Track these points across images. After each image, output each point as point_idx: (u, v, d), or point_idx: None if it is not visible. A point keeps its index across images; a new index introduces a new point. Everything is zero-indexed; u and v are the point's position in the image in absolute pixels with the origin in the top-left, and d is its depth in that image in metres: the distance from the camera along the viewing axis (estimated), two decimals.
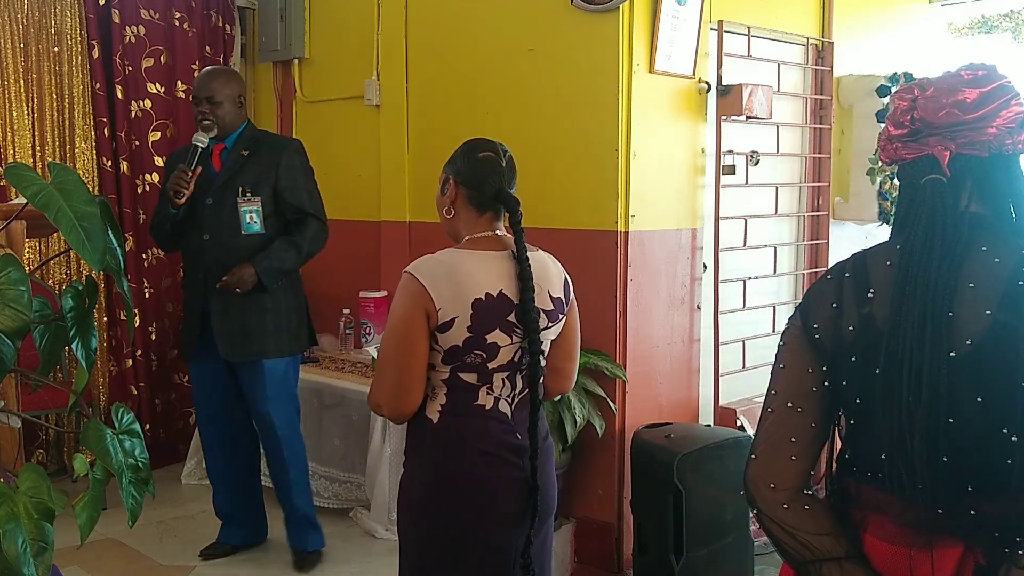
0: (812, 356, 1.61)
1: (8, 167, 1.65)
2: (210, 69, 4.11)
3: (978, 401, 1.46)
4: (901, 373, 1.48)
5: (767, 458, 1.62)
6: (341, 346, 5.06)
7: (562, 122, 4.14)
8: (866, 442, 1.58)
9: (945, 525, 1.50)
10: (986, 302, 1.47)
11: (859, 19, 4.99)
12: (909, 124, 1.59)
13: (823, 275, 1.66)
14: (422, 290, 2.19)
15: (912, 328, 1.48)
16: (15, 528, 1.52)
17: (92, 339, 1.82)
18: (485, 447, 2.25)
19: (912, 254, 1.52)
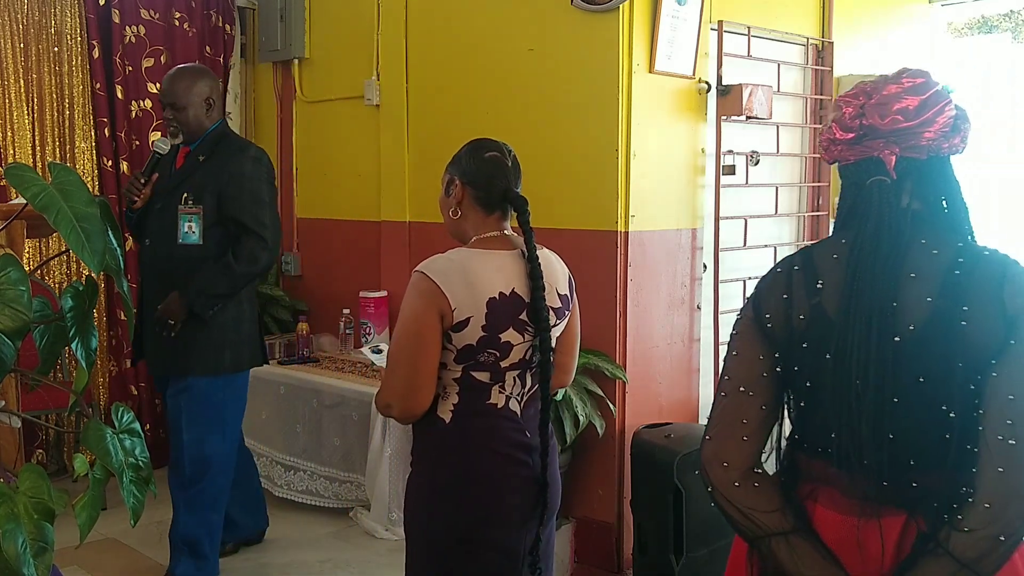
0: (763, 344, 1.72)
1: (8, 168, 1.65)
2: (175, 71, 3.84)
3: (920, 381, 1.59)
4: (850, 358, 1.60)
5: (720, 439, 1.74)
6: (341, 346, 5.06)
7: (562, 122, 4.14)
8: (816, 422, 1.69)
9: (890, 497, 1.62)
10: (927, 290, 1.60)
11: (859, 19, 4.99)
12: (857, 129, 1.69)
13: (772, 269, 1.78)
14: (436, 290, 2.19)
15: (860, 316, 1.60)
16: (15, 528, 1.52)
17: (92, 339, 1.83)
18: (497, 446, 2.26)
19: (861, 249, 1.63)
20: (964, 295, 1.57)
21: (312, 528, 4.48)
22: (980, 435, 1.56)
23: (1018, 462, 1.53)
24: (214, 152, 3.69)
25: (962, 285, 1.58)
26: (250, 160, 3.70)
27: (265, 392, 4.78)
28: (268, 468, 4.74)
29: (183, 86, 3.68)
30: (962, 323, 1.56)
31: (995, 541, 1.52)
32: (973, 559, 1.53)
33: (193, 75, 3.76)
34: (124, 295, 1.89)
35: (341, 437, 4.48)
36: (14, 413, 2.82)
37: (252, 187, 3.66)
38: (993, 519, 1.52)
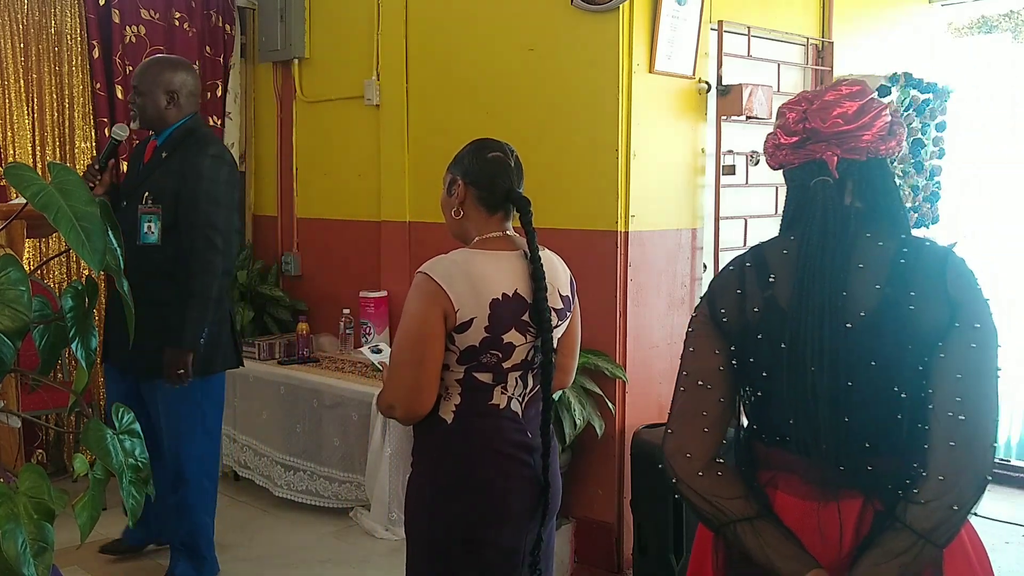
0: (718, 339, 1.81)
1: (8, 167, 1.65)
2: (153, 57, 3.82)
3: (872, 365, 1.68)
4: (804, 346, 1.69)
5: (681, 431, 1.81)
6: (341, 346, 5.06)
7: (562, 122, 4.14)
8: (774, 411, 1.77)
9: (847, 480, 1.71)
10: (875, 279, 1.70)
11: (859, 19, 4.99)
12: (800, 132, 1.79)
13: (725, 267, 1.87)
14: (440, 291, 2.19)
15: (812, 306, 1.69)
16: (15, 528, 1.52)
17: (92, 339, 1.82)
18: (499, 447, 2.26)
19: (808, 244, 1.73)
20: (910, 282, 1.67)
21: (312, 528, 4.48)
22: (931, 413, 1.65)
23: (967, 436, 1.62)
24: (176, 149, 3.60)
25: (908, 273, 1.68)
26: (209, 159, 3.57)
27: (265, 392, 4.79)
28: (268, 468, 4.75)
29: (150, 72, 3.62)
30: (910, 308, 1.66)
31: (949, 511, 1.61)
32: (929, 529, 1.61)
33: (164, 65, 3.70)
34: (124, 295, 1.88)
35: (341, 437, 4.48)
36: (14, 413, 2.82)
37: (208, 187, 3.53)
38: (946, 490, 1.61)
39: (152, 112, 3.61)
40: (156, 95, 3.59)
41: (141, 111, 3.62)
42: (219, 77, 5.54)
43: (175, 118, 3.64)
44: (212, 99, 5.52)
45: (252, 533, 4.46)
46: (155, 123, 3.64)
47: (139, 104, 3.62)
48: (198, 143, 3.63)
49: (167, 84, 3.60)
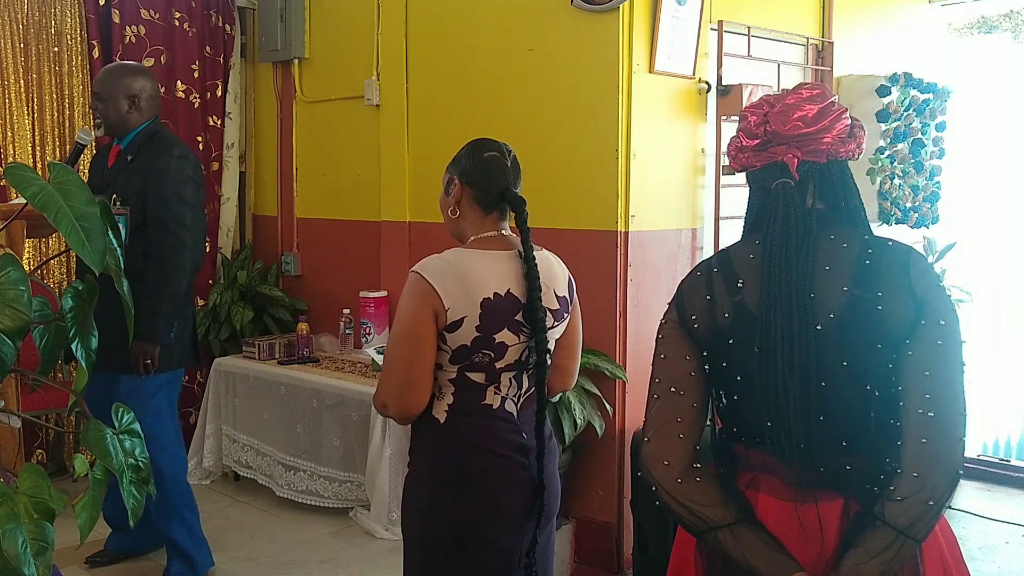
0: (689, 345, 1.83)
1: (8, 167, 1.65)
2: (111, 65, 3.89)
3: (844, 365, 1.70)
4: (776, 349, 1.71)
5: (658, 439, 1.81)
6: (341, 346, 5.07)
7: (562, 122, 4.14)
8: (750, 413, 1.78)
9: (825, 480, 1.73)
10: (842, 280, 1.72)
11: (859, 19, 4.99)
12: (762, 135, 1.81)
13: (692, 272, 1.90)
14: (430, 290, 2.19)
15: (782, 310, 1.71)
16: (15, 528, 1.52)
17: (92, 339, 1.83)
18: (492, 447, 2.25)
19: (773, 247, 1.75)
20: (876, 282, 1.70)
21: (312, 528, 4.48)
22: (902, 410, 1.68)
23: (938, 432, 1.65)
24: (141, 151, 3.65)
25: (873, 273, 1.71)
26: (175, 159, 3.62)
27: (266, 392, 4.79)
28: (271, 468, 4.75)
29: (110, 79, 3.68)
30: (878, 308, 1.69)
31: (925, 506, 1.63)
32: (907, 525, 1.63)
33: (122, 71, 3.74)
34: (123, 295, 1.89)
35: (341, 437, 4.48)
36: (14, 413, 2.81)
37: (175, 186, 3.59)
38: (921, 486, 1.63)
39: (115, 117, 3.67)
40: (118, 101, 3.65)
41: (104, 117, 3.68)
42: (219, 77, 5.55)
43: (137, 122, 3.69)
44: (212, 99, 5.52)
45: (252, 533, 4.46)
46: (118, 128, 3.69)
47: (101, 110, 3.67)
48: (162, 144, 3.69)
49: (127, 90, 3.66)
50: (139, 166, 3.62)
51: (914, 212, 4.92)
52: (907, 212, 4.88)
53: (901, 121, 4.83)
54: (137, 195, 3.58)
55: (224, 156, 5.60)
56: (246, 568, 4.10)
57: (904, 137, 4.85)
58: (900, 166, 4.86)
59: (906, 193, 4.87)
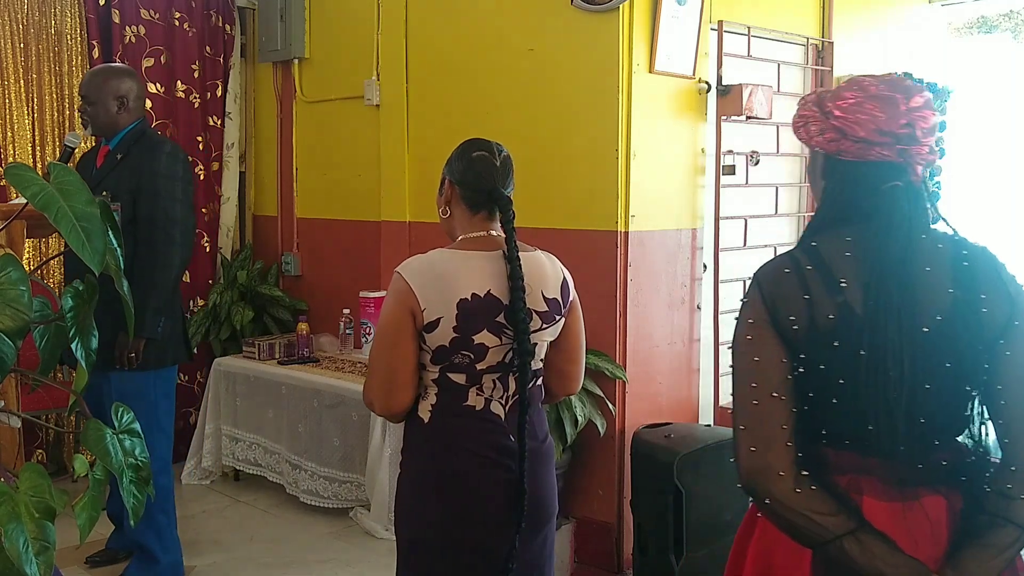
0: (781, 346, 1.74)
1: (8, 167, 1.65)
2: (96, 67, 3.95)
3: (947, 367, 1.69)
4: (885, 353, 1.67)
5: (767, 449, 1.72)
6: (341, 346, 5.07)
7: (562, 122, 4.14)
8: (848, 416, 1.72)
9: (924, 478, 1.71)
10: (944, 282, 1.70)
11: (859, 19, 4.99)
12: (899, 130, 1.73)
13: (776, 269, 1.80)
14: (408, 289, 2.20)
15: (891, 312, 1.67)
16: (17, 527, 1.52)
17: (92, 339, 1.83)
18: (473, 447, 2.25)
19: (881, 248, 1.71)
20: (977, 283, 1.70)
21: (312, 528, 4.48)
22: (1002, 409, 1.69)
23: None
24: (131, 150, 3.70)
25: (973, 274, 1.70)
26: (165, 156, 3.68)
27: (266, 392, 4.79)
28: (280, 465, 4.75)
29: (97, 81, 3.72)
30: (983, 310, 1.68)
31: None
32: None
33: (108, 73, 3.79)
34: (124, 295, 1.89)
35: (341, 437, 4.48)
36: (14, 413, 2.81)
37: (165, 184, 3.65)
38: None
39: (104, 119, 3.71)
40: (107, 102, 3.69)
41: (93, 119, 3.71)
42: (219, 77, 5.55)
43: (126, 122, 3.74)
44: (212, 99, 5.52)
45: (252, 533, 4.46)
46: (107, 129, 3.73)
47: (90, 112, 3.71)
48: (152, 143, 3.75)
49: (115, 91, 3.70)
50: (130, 164, 3.67)
51: None
52: None
53: None
54: (129, 192, 3.62)
55: (224, 156, 5.60)
56: (246, 568, 4.10)
57: None
58: None
59: None
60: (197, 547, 4.22)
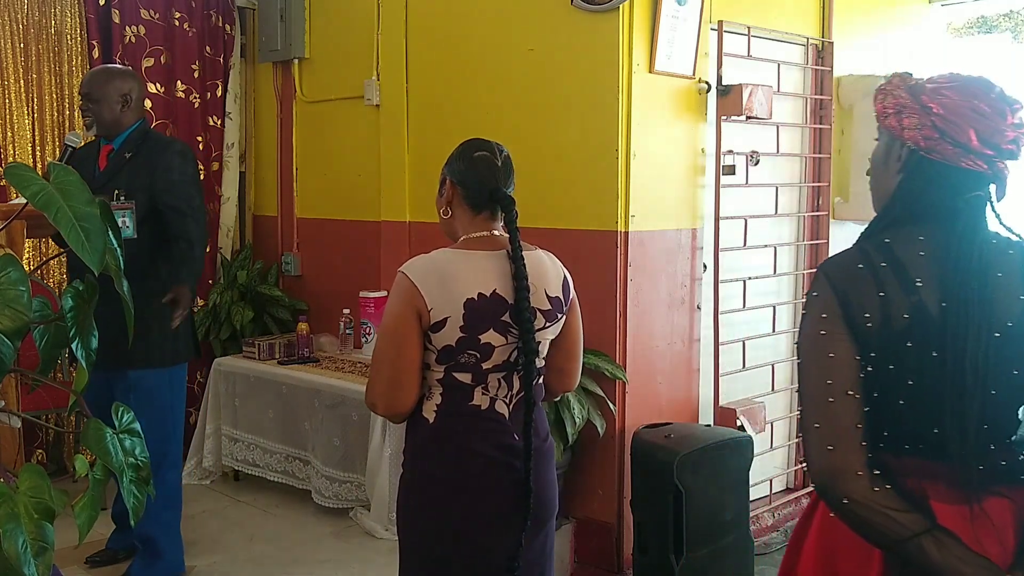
0: (855, 344, 1.70)
1: (8, 167, 1.66)
2: (97, 68, 4.01)
3: (1014, 373, 1.69)
4: (961, 356, 1.66)
5: (846, 448, 1.68)
6: (341, 346, 5.07)
7: (562, 122, 4.14)
8: (914, 418, 1.71)
9: (987, 480, 1.70)
10: (1016, 287, 1.70)
11: (859, 19, 4.99)
12: (1005, 144, 1.72)
13: (849, 264, 1.74)
14: (414, 289, 2.20)
15: (969, 316, 1.66)
16: (15, 528, 1.52)
17: (92, 339, 1.83)
18: (479, 447, 2.25)
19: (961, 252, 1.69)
20: None
21: (312, 527, 4.48)
22: None
23: None
24: (140, 149, 3.76)
25: None
26: (178, 155, 3.78)
27: (266, 392, 4.79)
28: (286, 464, 4.75)
29: (100, 80, 3.76)
30: None
31: None
32: None
33: (111, 72, 3.84)
34: (123, 295, 1.89)
35: (341, 437, 4.48)
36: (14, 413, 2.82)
37: (181, 179, 3.76)
38: None
39: (109, 117, 3.74)
40: (111, 101, 3.73)
41: (97, 118, 3.74)
42: (219, 77, 5.55)
43: (130, 122, 3.79)
44: (212, 99, 5.52)
45: (252, 533, 4.46)
46: (111, 128, 3.76)
47: (94, 111, 3.74)
48: (161, 142, 3.85)
49: (119, 90, 3.75)
50: (141, 163, 3.72)
51: None
52: None
53: None
54: (143, 190, 3.68)
55: (224, 156, 5.60)
56: (246, 568, 4.10)
57: None
58: None
59: None
60: (197, 547, 4.22)
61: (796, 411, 4.85)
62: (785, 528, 4.67)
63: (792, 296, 4.81)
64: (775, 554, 4.36)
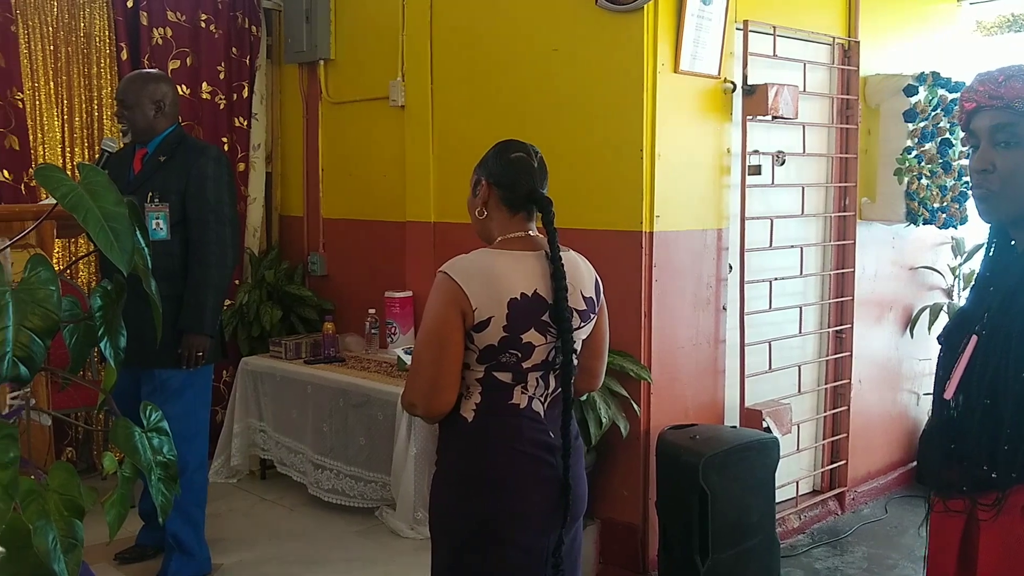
0: None
1: (39, 168, 1.67)
2: (132, 73, 4.06)
3: None
4: None
5: None
6: (367, 346, 5.09)
7: (586, 122, 4.13)
8: None
9: None
10: None
11: (886, 18, 4.95)
12: None
13: None
14: (458, 290, 2.21)
15: None
16: (45, 525, 1.54)
17: (120, 338, 1.84)
18: (519, 446, 2.26)
19: None
20: None
21: (338, 526, 4.50)
22: None
23: None
24: (175, 153, 3.80)
25: None
26: (212, 161, 3.82)
27: (292, 391, 4.81)
28: (303, 465, 4.77)
29: (135, 86, 3.81)
30: None
31: None
32: None
33: (145, 78, 3.89)
34: (151, 295, 1.90)
35: (367, 436, 4.50)
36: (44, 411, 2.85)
37: (214, 186, 3.78)
38: None
39: (143, 123, 3.79)
40: (144, 107, 3.78)
41: (131, 123, 3.80)
42: (245, 78, 5.58)
43: (163, 127, 3.83)
44: (239, 100, 5.56)
45: (278, 531, 4.49)
46: (145, 133, 3.81)
47: (128, 117, 3.79)
48: (196, 147, 3.89)
49: (152, 95, 3.80)
50: (175, 167, 3.76)
51: (942, 212, 4.88)
52: (935, 212, 4.84)
53: (929, 121, 4.79)
54: (177, 193, 3.74)
55: (250, 157, 5.64)
56: (272, 566, 4.12)
57: (932, 137, 4.81)
58: (928, 166, 4.82)
59: (934, 193, 4.83)
60: (223, 545, 4.24)
61: (822, 413, 4.83)
62: (811, 530, 4.65)
63: (819, 297, 4.78)
64: (801, 556, 4.34)
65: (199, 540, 3.94)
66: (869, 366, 5.03)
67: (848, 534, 4.64)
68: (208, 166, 3.79)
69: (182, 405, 3.75)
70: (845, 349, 4.85)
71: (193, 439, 3.84)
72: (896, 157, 4.78)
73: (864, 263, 4.92)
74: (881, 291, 5.10)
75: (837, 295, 4.82)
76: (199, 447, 3.93)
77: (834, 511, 4.88)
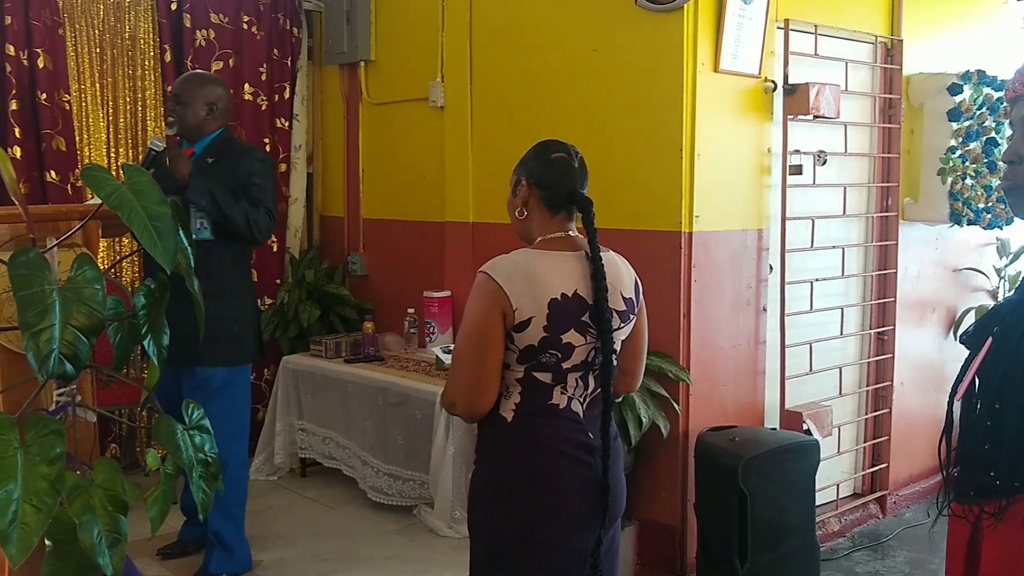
0: None
1: (84, 169, 1.70)
2: (190, 72, 4.12)
3: None
4: None
5: None
6: (406, 345, 5.11)
7: (626, 122, 4.12)
8: None
9: None
10: None
11: (930, 16, 4.89)
12: None
13: None
14: (499, 290, 2.21)
15: None
16: (91, 519, 1.56)
17: (163, 336, 1.87)
18: (559, 446, 2.26)
19: None
20: None
21: (376, 524, 4.53)
22: None
23: None
24: (223, 155, 3.86)
25: None
26: (258, 162, 3.89)
27: (332, 390, 4.85)
28: (352, 460, 4.81)
29: (192, 84, 3.89)
30: None
31: None
32: None
33: (203, 80, 3.98)
34: (194, 294, 1.92)
35: (405, 435, 4.52)
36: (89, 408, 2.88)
37: (260, 181, 3.84)
38: None
39: (192, 121, 3.86)
40: (197, 106, 3.85)
41: (181, 119, 3.86)
42: (287, 80, 5.63)
43: (212, 128, 3.89)
44: (280, 101, 5.61)
45: (317, 529, 4.52)
46: (192, 132, 3.88)
47: (179, 112, 3.85)
48: (243, 149, 3.96)
49: (207, 96, 3.86)
50: (223, 167, 3.82)
51: (987, 213, 4.81)
52: (979, 213, 4.77)
53: (974, 120, 4.73)
54: None
55: (292, 158, 5.68)
56: (311, 563, 4.15)
57: (976, 136, 4.74)
58: (972, 166, 4.75)
59: (979, 194, 4.76)
60: (263, 542, 4.29)
61: (863, 415, 4.78)
62: (852, 534, 4.60)
63: (860, 298, 4.73)
64: (841, 560, 4.30)
65: (239, 537, 3.98)
66: (911, 368, 4.97)
67: (889, 538, 4.59)
68: (255, 167, 3.85)
69: (223, 403, 3.78)
70: (887, 351, 4.80)
71: (234, 437, 3.89)
72: (940, 157, 4.72)
73: (907, 264, 4.86)
74: (924, 292, 5.04)
75: (879, 296, 4.77)
76: (240, 445, 3.97)
77: (875, 515, 4.83)
